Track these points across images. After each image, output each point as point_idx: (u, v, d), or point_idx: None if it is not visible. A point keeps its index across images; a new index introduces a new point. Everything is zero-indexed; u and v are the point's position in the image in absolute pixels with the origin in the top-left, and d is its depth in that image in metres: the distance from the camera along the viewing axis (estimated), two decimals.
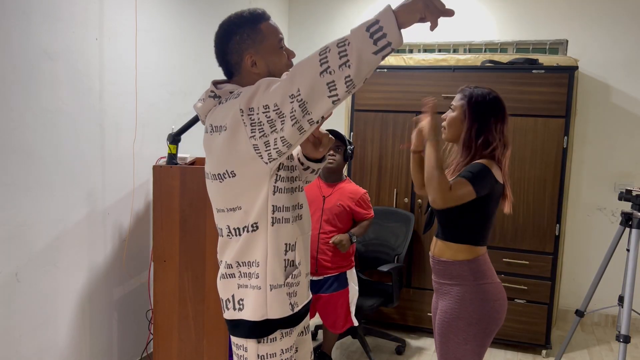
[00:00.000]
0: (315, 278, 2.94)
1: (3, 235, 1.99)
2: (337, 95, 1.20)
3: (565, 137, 3.19)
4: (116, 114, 2.56)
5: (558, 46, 3.85)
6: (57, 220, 2.23)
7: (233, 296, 1.49)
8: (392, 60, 3.73)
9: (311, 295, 1.68)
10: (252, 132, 1.30)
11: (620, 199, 2.63)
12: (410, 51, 4.19)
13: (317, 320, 3.09)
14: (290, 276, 1.46)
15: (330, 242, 2.85)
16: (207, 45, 3.35)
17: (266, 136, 1.29)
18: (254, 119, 1.28)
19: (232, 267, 1.46)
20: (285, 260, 1.44)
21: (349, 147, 2.97)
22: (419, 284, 3.54)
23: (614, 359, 3.33)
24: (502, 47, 3.99)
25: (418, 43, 4.15)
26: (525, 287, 3.29)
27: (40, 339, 2.18)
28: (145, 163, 2.78)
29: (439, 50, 4.10)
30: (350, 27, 4.34)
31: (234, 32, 1.44)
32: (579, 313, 2.83)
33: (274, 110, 1.25)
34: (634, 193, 2.60)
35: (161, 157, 2.62)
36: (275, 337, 1.45)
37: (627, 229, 2.59)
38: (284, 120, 1.25)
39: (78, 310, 2.39)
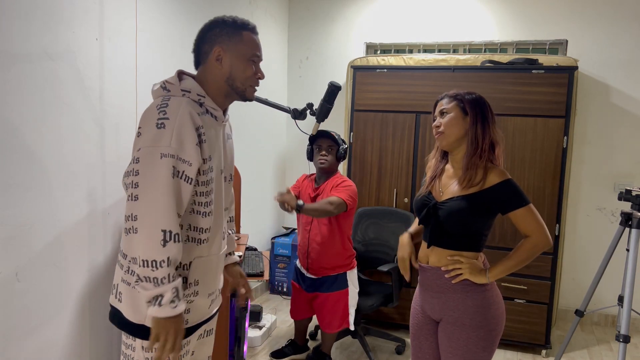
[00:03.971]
0: (314, 276, 2.94)
1: (3, 235, 1.99)
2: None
3: (565, 137, 3.19)
4: (116, 114, 2.56)
5: (558, 46, 3.85)
6: (57, 220, 2.23)
7: (117, 285, 1.50)
8: (392, 60, 3.73)
9: (215, 310, 1.64)
10: (130, 164, 1.42)
11: (620, 199, 2.64)
12: (410, 51, 4.19)
13: (316, 320, 3.09)
14: None
15: (274, 198, 2.68)
16: None
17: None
18: (135, 160, 1.39)
19: (125, 258, 1.44)
20: None
21: (342, 146, 2.96)
22: None
23: (613, 359, 3.33)
24: (502, 47, 3.99)
25: (418, 43, 4.16)
26: (525, 287, 3.30)
27: (40, 339, 2.18)
28: None
29: (439, 51, 4.11)
30: (350, 27, 4.35)
31: (217, 25, 1.52)
32: (579, 313, 2.83)
33: (134, 185, 1.37)
34: (633, 193, 2.60)
35: None
36: None
37: (627, 229, 2.59)
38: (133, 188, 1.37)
39: (78, 310, 2.38)
